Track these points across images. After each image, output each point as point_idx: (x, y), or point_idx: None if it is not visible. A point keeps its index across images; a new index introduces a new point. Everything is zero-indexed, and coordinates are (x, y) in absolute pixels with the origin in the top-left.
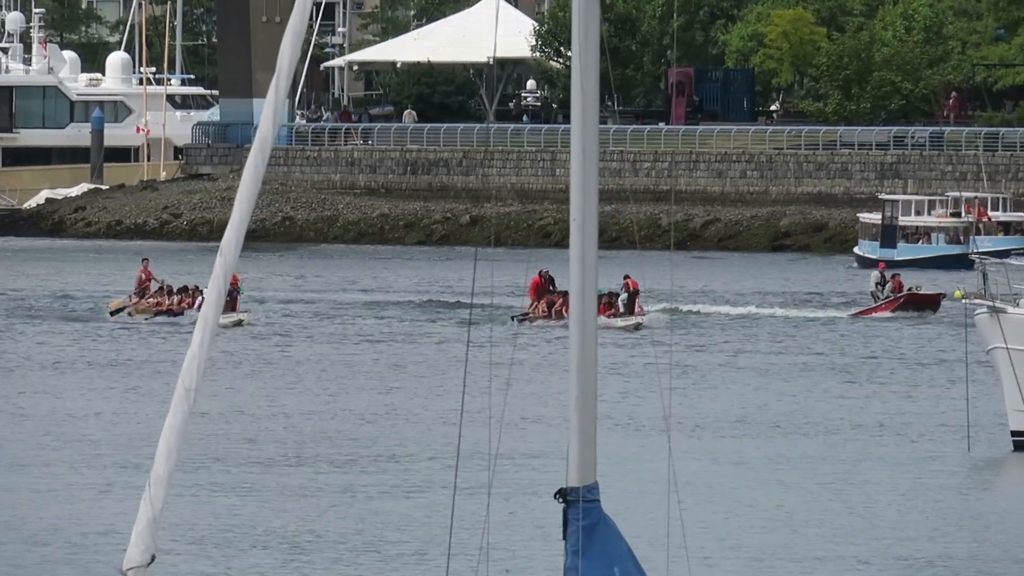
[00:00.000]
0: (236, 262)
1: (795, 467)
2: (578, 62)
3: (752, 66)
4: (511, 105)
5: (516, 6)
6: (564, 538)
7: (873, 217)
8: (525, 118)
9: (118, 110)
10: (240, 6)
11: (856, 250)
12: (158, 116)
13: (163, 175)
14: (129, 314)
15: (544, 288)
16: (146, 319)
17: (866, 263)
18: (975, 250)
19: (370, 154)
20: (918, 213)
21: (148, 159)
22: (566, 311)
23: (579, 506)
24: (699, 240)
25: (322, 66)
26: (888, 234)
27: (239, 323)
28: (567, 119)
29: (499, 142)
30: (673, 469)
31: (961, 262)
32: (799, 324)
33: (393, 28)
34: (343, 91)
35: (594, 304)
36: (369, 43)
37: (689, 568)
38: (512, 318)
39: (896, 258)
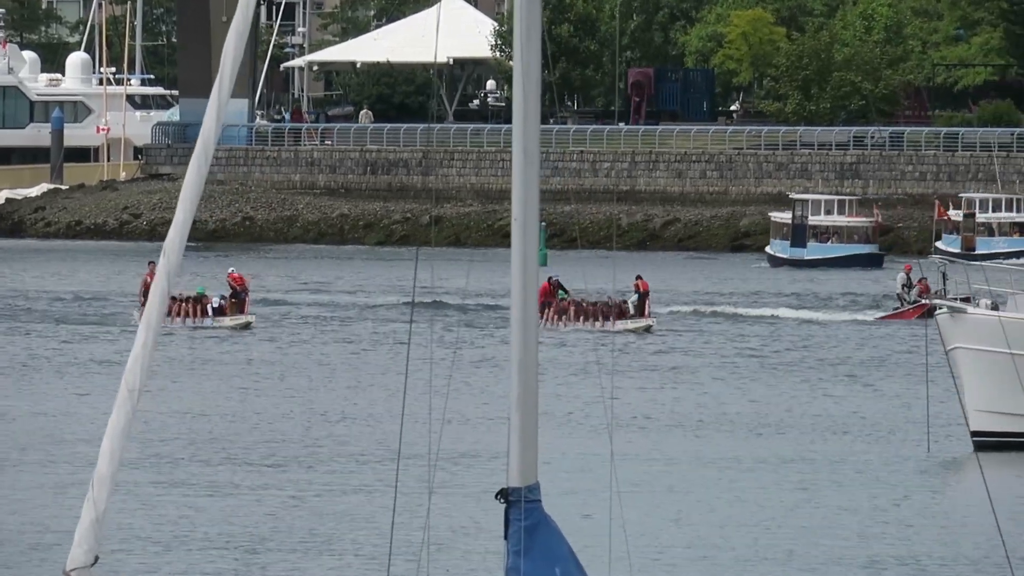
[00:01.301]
0: (180, 263)
1: (747, 467)
2: (520, 63)
3: (712, 66)
4: (472, 105)
5: (476, 6)
6: (505, 538)
7: (784, 217)
8: (489, 118)
9: (78, 110)
10: (200, 6)
11: (767, 249)
12: (118, 116)
13: (123, 175)
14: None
15: (552, 294)
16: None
17: (777, 262)
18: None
19: (330, 154)
20: (828, 213)
21: (108, 159)
22: (573, 313)
23: (520, 506)
24: (659, 240)
25: (282, 66)
26: (799, 233)
27: (247, 325)
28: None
29: (459, 142)
30: (615, 469)
31: (872, 261)
32: (756, 324)
33: (353, 28)
34: (303, 91)
35: (535, 303)
36: (329, 43)
37: (631, 569)
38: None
39: (806, 257)
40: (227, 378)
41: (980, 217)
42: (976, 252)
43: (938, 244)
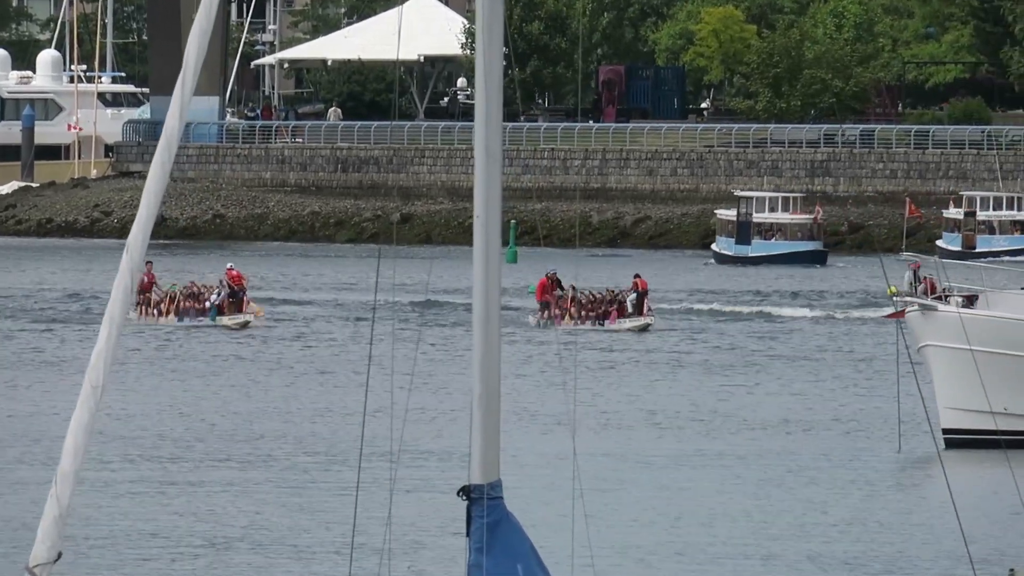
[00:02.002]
0: (143, 260)
1: (713, 464)
2: (482, 61)
3: (682, 64)
4: (442, 102)
5: (447, 4)
6: (468, 535)
7: (729, 214)
8: (459, 116)
9: (49, 108)
10: (170, 4)
11: (713, 247)
12: (89, 114)
13: (94, 173)
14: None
15: (552, 289)
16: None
17: (723, 259)
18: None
19: (301, 152)
20: (772, 210)
21: (79, 157)
22: (574, 310)
23: (483, 503)
24: (629, 238)
25: (252, 64)
26: (743, 231)
27: (246, 324)
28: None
29: (430, 140)
30: (578, 466)
31: (816, 258)
32: (730, 321)
33: (324, 26)
34: (274, 89)
35: (497, 301)
36: (300, 41)
37: (593, 566)
38: (534, 321)
39: (750, 254)
40: (190, 375)
41: (981, 215)
42: (977, 250)
43: (939, 243)
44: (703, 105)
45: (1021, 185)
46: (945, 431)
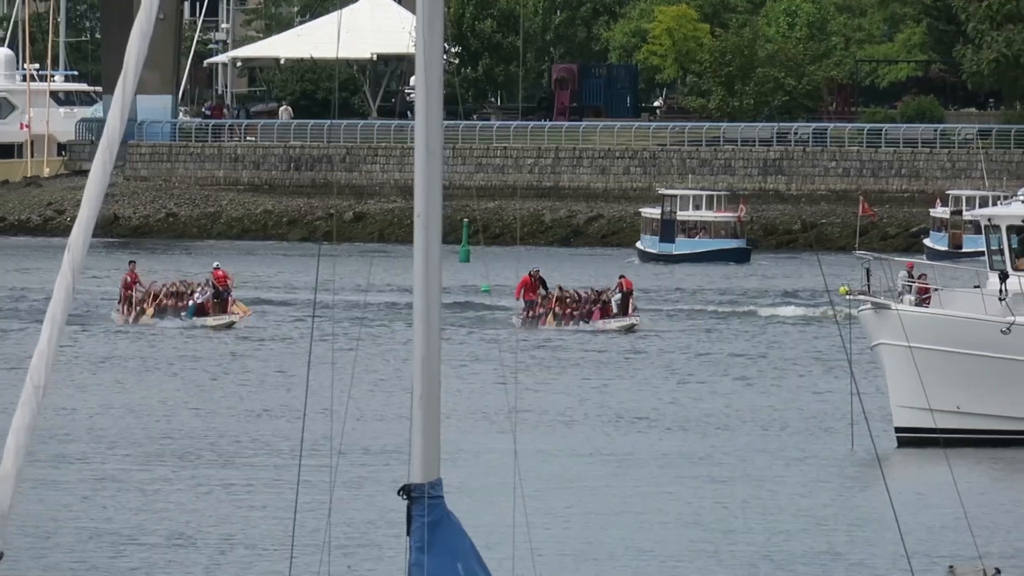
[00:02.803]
0: (84, 259)
1: (660, 463)
2: (422, 58)
3: (635, 62)
4: (394, 101)
5: (400, 2)
6: (408, 534)
7: (653, 212)
8: (409, 114)
9: (1, 106)
10: (123, 2)
11: (638, 244)
12: (42, 112)
13: (47, 171)
14: (123, 322)
15: (533, 288)
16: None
17: (647, 257)
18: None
19: (254, 150)
20: (696, 208)
21: (32, 155)
22: (558, 309)
23: (423, 502)
24: (583, 236)
25: (205, 62)
26: (667, 229)
27: (231, 325)
28: (450, 115)
29: (382, 138)
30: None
31: (739, 256)
32: (681, 319)
33: (277, 25)
34: (227, 87)
35: (438, 300)
36: (253, 39)
37: (534, 564)
38: (518, 322)
39: (674, 252)
40: (134, 373)
41: (967, 214)
42: (964, 250)
43: (926, 242)
44: (656, 104)
45: (1007, 183)
46: (898, 429)
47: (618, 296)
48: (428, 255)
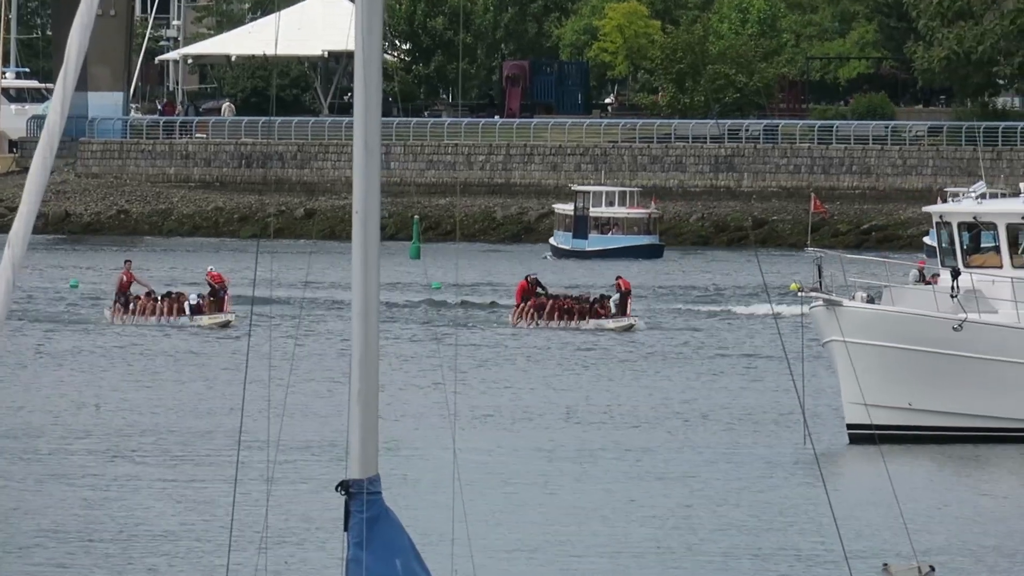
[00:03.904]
0: (24, 255)
1: (605, 458)
2: (361, 55)
3: (586, 59)
4: (347, 98)
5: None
6: (346, 530)
7: (567, 208)
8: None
9: None
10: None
11: (552, 240)
12: None
13: None
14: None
15: (531, 292)
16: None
17: (560, 253)
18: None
19: (205, 147)
20: (609, 204)
21: None
22: (556, 314)
23: (362, 498)
24: (534, 233)
25: (157, 59)
26: (580, 225)
27: (227, 324)
28: (402, 112)
29: (334, 136)
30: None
31: (652, 252)
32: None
33: (228, 21)
34: (178, 84)
35: (375, 297)
36: (204, 36)
37: (473, 560)
38: (512, 319)
39: (587, 248)
40: (71, 370)
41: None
42: None
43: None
44: (607, 100)
45: (1005, 180)
46: (849, 426)
47: (616, 296)
48: (366, 251)
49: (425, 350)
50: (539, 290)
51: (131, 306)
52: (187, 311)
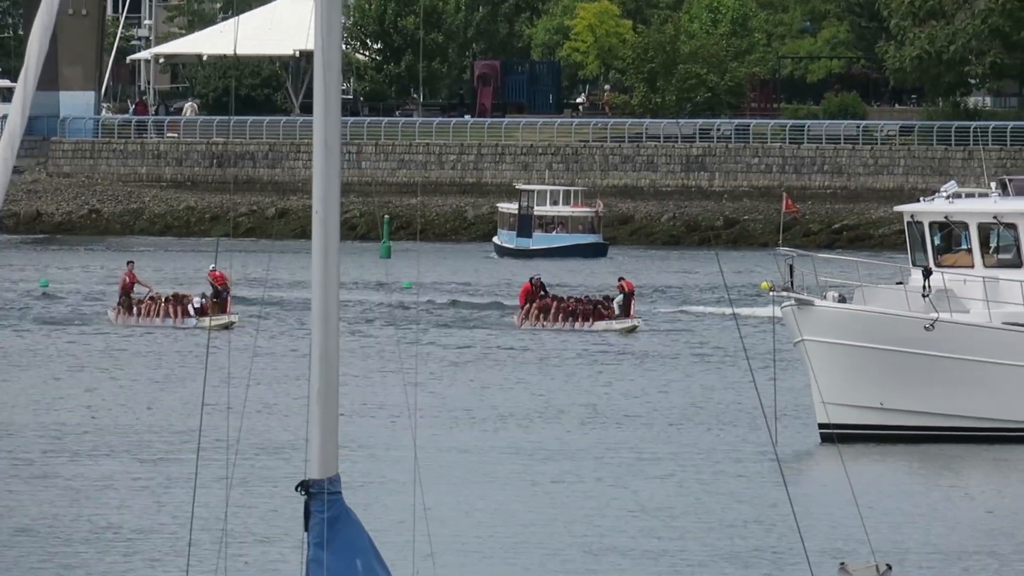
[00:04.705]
0: None
1: (568, 457)
2: (320, 55)
3: (558, 59)
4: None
5: None
6: (306, 530)
7: (511, 207)
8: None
9: None
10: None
11: (495, 239)
12: None
13: None
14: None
15: (535, 294)
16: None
17: (504, 252)
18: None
19: (176, 147)
20: (554, 203)
21: None
22: (561, 316)
23: (322, 498)
24: None
25: (128, 59)
26: (524, 224)
27: (229, 325)
28: (373, 111)
29: (305, 135)
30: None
31: (596, 251)
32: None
33: (199, 21)
34: (149, 84)
35: (336, 297)
36: (175, 36)
37: (433, 560)
38: (517, 321)
39: (532, 247)
40: (29, 368)
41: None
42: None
43: None
44: (578, 100)
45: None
46: (821, 426)
47: (619, 298)
48: (326, 251)
49: (390, 349)
50: (542, 292)
51: (134, 308)
52: (191, 313)
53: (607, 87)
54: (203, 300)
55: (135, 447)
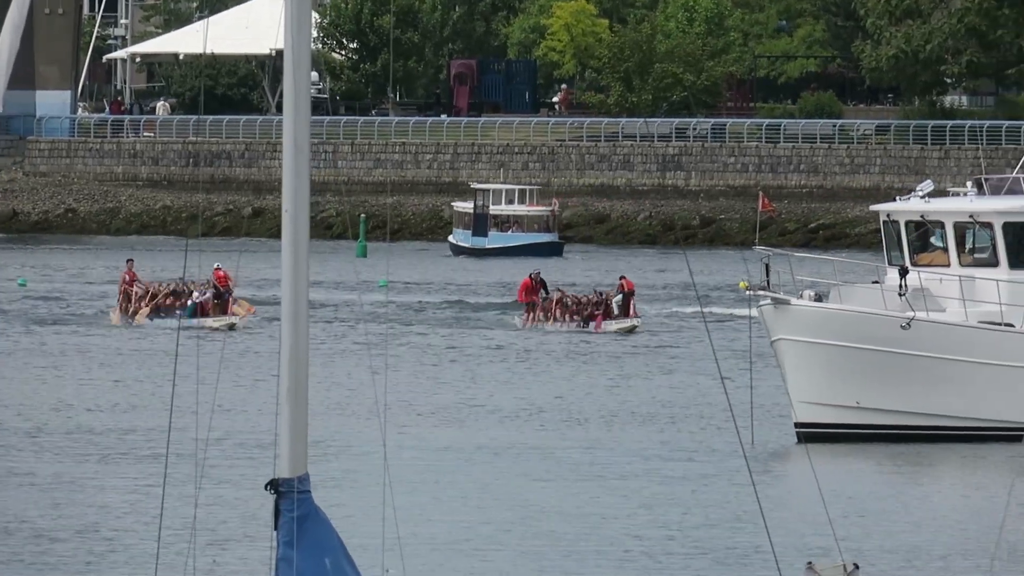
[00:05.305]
0: None
1: (537, 456)
2: (290, 54)
3: (534, 58)
4: None
5: None
6: (276, 529)
7: (466, 206)
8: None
9: None
10: None
11: (450, 238)
12: None
13: None
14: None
15: (535, 290)
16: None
17: (459, 251)
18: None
19: (152, 146)
20: (509, 202)
21: None
22: (559, 312)
23: (291, 497)
24: None
25: (104, 58)
26: (480, 223)
27: (232, 326)
28: (349, 111)
29: (281, 134)
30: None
31: (552, 250)
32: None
33: (175, 20)
34: (126, 83)
35: (305, 296)
36: (152, 35)
37: (402, 559)
38: (520, 322)
39: (487, 246)
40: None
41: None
42: None
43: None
44: (555, 99)
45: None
46: (797, 425)
47: (619, 297)
48: (296, 250)
49: (360, 348)
50: (543, 292)
51: (135, 305)
52: (195, 299)
53: (562, 87)
54: (203, 296)
55: (105, 447)
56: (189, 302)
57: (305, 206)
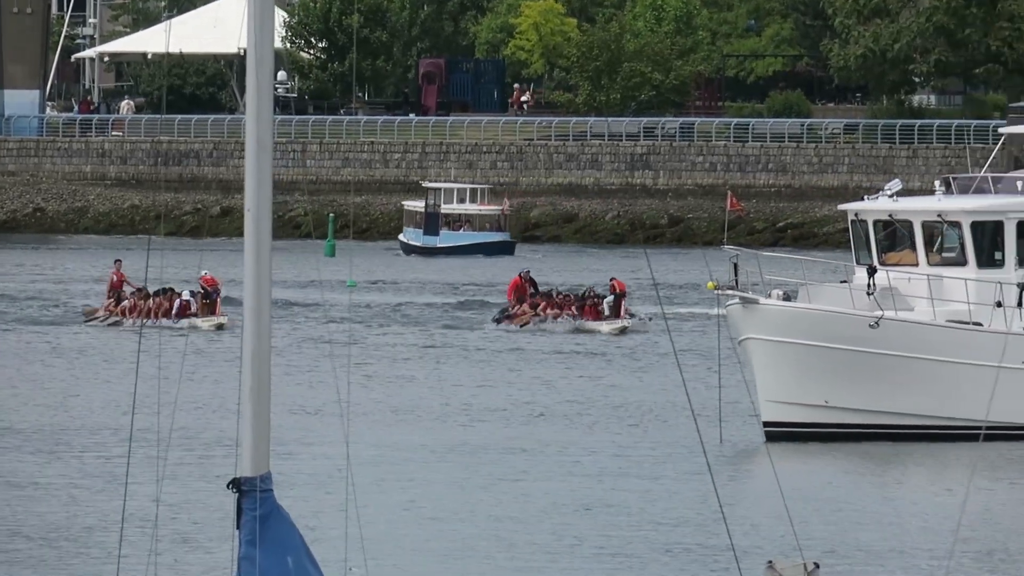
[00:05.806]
0: None
1: (503, 455)
2: (253, 52)
3: (503, 57)
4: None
5: None
6: (237, 528)
7: (417, 205)
8: (276, 110)
9: None
10: None
11: (401, 237)
12: None
13: None
14: (102, 320)
15: (524, 289)
16: (132, 322)
17: (411, 250)
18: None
19: (121, 145)
20: (460, 201)
21: None
22: (550, 311)
23: (254, 496)
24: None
25: (73, 57)
26: (431, 221)
27: (220, 326)
28: (318, 110)
29: None
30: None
31: (503, 249)
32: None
33: (144, 19)
34: (94, 82)
35: (268, 294)
36: (120, 34)
37: (365, 558)
38: (494, 320)
39: (438, 245)
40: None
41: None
42: None
43: None
44: (523, 98)
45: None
46: (765, 424)
47: (610, 298)
48: (259, 250)
49: (324, 348)
50: (532, 290)
51: (121, 305)
52: (175, 308)
53: (516, 85)
54: (191, 296)
55: (67, 446)
56: (178, 301)
57: (267, 205)
